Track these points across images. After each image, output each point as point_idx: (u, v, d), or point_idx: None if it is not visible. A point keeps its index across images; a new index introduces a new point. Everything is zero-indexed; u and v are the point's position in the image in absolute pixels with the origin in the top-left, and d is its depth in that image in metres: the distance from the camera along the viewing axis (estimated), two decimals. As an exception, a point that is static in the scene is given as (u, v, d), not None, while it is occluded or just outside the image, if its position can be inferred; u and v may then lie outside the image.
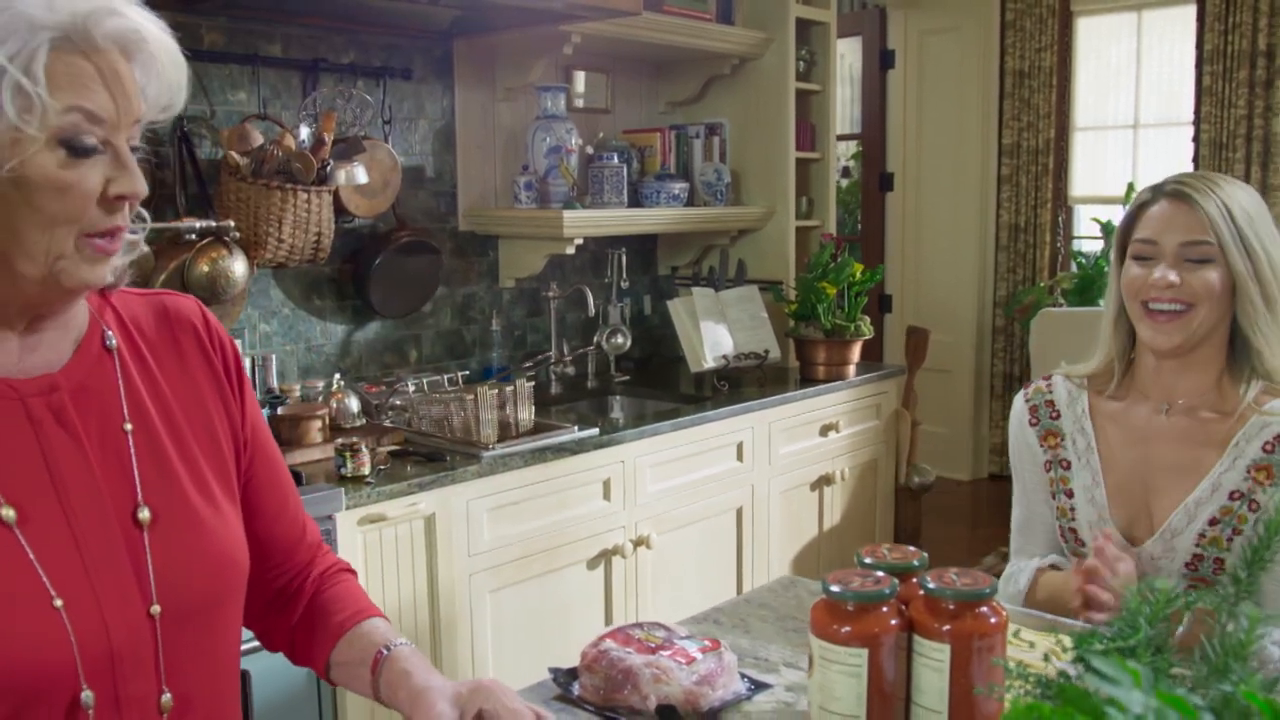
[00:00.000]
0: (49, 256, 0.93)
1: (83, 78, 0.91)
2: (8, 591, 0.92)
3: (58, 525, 0.97)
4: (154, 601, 0.99)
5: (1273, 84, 4.82)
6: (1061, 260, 5.70)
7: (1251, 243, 1.54)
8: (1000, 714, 1.08)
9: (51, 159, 0.90)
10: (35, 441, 0.97)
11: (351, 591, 1.23)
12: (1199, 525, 1.57)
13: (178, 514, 1.04)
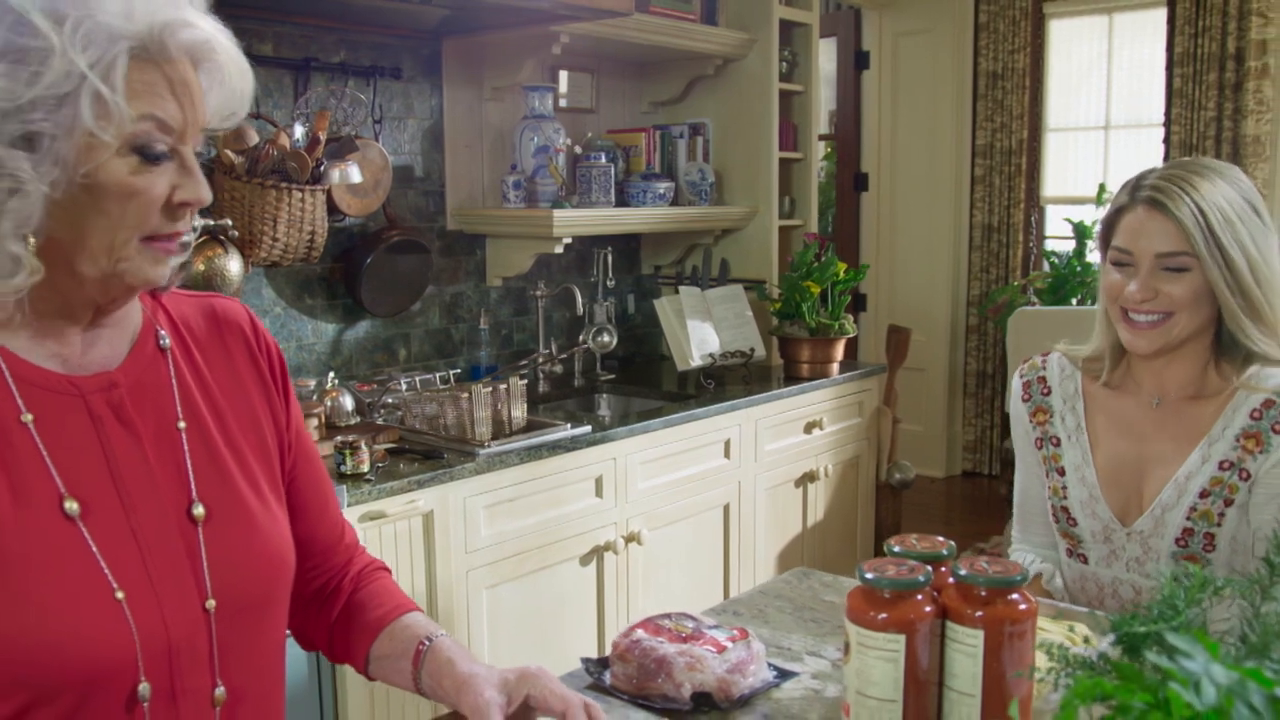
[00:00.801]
0: (111, 258, 0.94)
1: (156, 87, 0.92)
2: (73, 584, 0.94)
3: (118, 520, 0.98)
4: (209, 596, 1.02)
5: (1242, 87, 4.92)
6: (1034, 260, 5.78)
7: (1229, 248, 1.50)
8: (1030, 697, 1.11)
9: (123, 165, 0.92)
10: (96, 437, 0.99)
11: (388, 588, 1.25)
12: (1190, 499, 1.58)
13: (230, 511, 1.06)
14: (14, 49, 0.87)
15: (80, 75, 0.88)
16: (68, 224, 0.92)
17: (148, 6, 0.91)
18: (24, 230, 0.90)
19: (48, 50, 0.87)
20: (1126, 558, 1.64)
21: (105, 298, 0.98)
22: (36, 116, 0.88)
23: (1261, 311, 1.53)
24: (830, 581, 1.63)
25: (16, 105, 0.87)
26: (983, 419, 5.96)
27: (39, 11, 0.87)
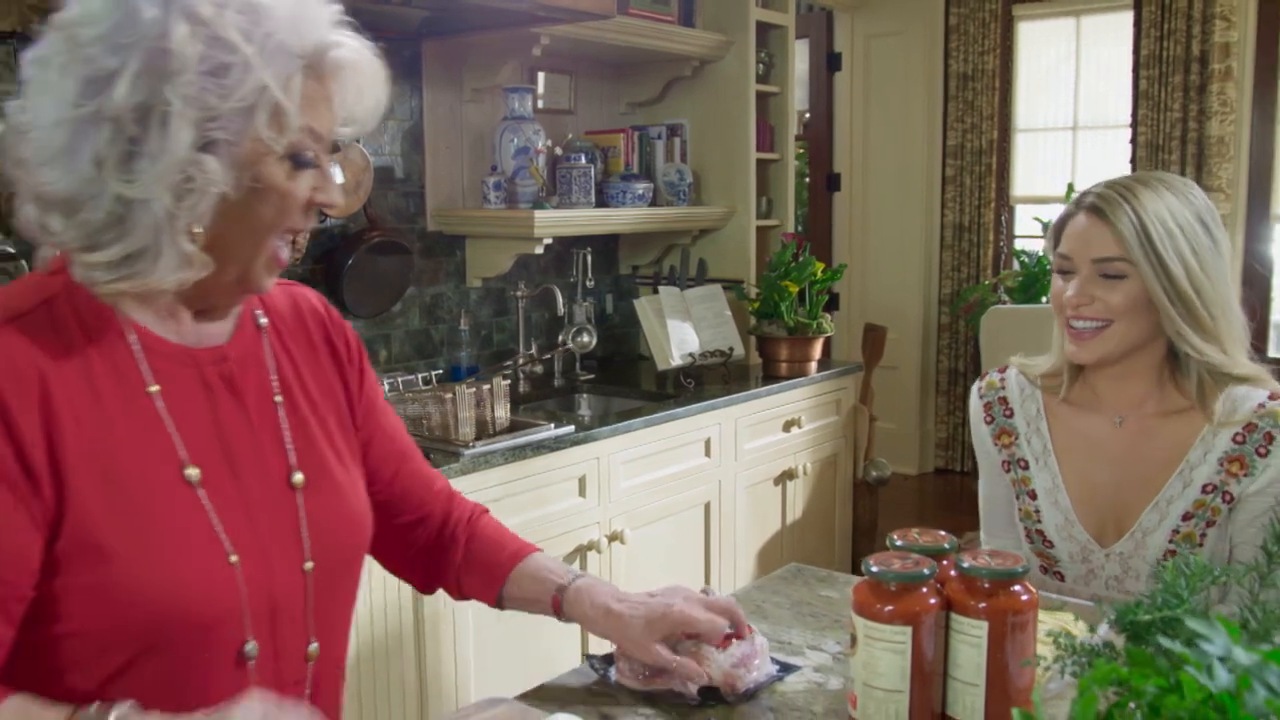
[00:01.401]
0: (256, 251, 1.04)
1: (314, 100, 1.02)
2: (192, 546, 1.02)
3: (229, 486, 1.07)
4: (308, 558, 1.11)
5: (1206, 89, 5.00)
6: (1004, 259, 5.85)
7: (1167, 258, 1.50)
8: (1032, 686, 1.14)
9: (280, 170, 1.01)
10: (209, 407, 1.08)
11: (500, 533, 1.37)
12: (1172, 521, 1.58)
13: (323, 479, 1.15)
14: (211, 63, 0.95)
15: (263, 88, 0.97)
16: (230, 221, 1.01)
17: (311, 27, 1.00)
18: (196, 227, 0.98)
19: (241, 65, 0.96)
20: (1105, 576, 1.64)
21: (239, 288, 1.07)
22: (221, 124, 0.97)
23: (1201, 320, 1.53)
24: (825, 576, 1.66)
25: (207, 115, 0.96)
26: (955, 416, 6.02)
27: (234, 29, 0.96)
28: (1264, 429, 1.55)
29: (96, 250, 0.98)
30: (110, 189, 0.97)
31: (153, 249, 0.98)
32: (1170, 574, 0.97)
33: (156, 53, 0.94)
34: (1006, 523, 1.75)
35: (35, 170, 0.98)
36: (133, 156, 0.96)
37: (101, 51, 0.95)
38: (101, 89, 0.95)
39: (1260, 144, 5.04)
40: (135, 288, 1.00)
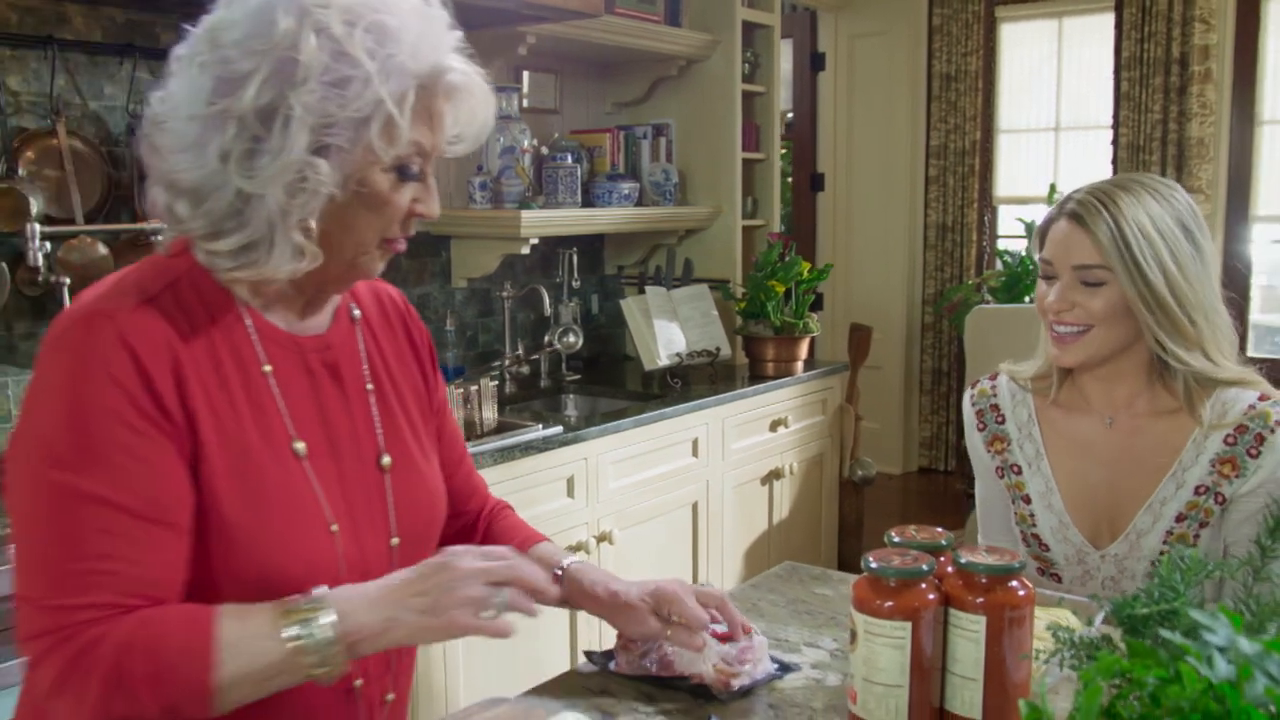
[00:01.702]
0: (355, 253, 1.12)
1: (424, 117, 1.09)
2: (300, 512, 1.11)
3: (328, 463, 1.16)
4: (394, 534, 1.20)
5: (1186, 90, 5.04)
6: (987, 259, 5.88)
7: (1144, 264, 1.51)
8: (1029, 680, 1.15)
9: (385, 180, 1.09)
10: (311, 390, 1.17)
11: (515, 523, 1.45)
12: (1166, 523, 1.59)
13: (407, 462, 1.24)
14: (334, 75, 1.03)
15: (379, 102, 1.04)
16: (335, 221, 1.09)
17: (430, 51, 1.07)
18: (306, 223, 1.06)
19: (361, 79, 1.03)
20: (1101, 578, 1.64)
21: (340, 283, 1.17)
22: (337, 131, 1.04)
23: (1181, 327, 1.53)
24: (819, 575, 1.66)
25: (325, 122, 1.04)
26: (938, 416, 6.04)
27: (360, 46, 1.03)
28: (1255, 430, 1.55)
29: (219, 239, 1.07)
30: (232, 182, 1.05)
31: (267, 240, 1.06)
32: (1166, 568, 0.98)
33: (286, 61, 1.03)
34: (1003, 526, 1.76)
35: (168, 158, 1.06)
36: (254, 154, 1.04)
37: (238, 55, 1.03)
38: (233, 89, 1.03)
39: (1239, 145, 5.09)
40: (252, 276, 1.09)
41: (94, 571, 1.00)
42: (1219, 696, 0.75)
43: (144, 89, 2.60)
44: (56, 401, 1.03)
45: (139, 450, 1.03)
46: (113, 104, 2.57)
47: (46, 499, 1.02)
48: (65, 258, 2.40)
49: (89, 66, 2.53)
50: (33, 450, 1.03)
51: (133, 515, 1.02)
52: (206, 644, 1.00)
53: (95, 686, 0.98)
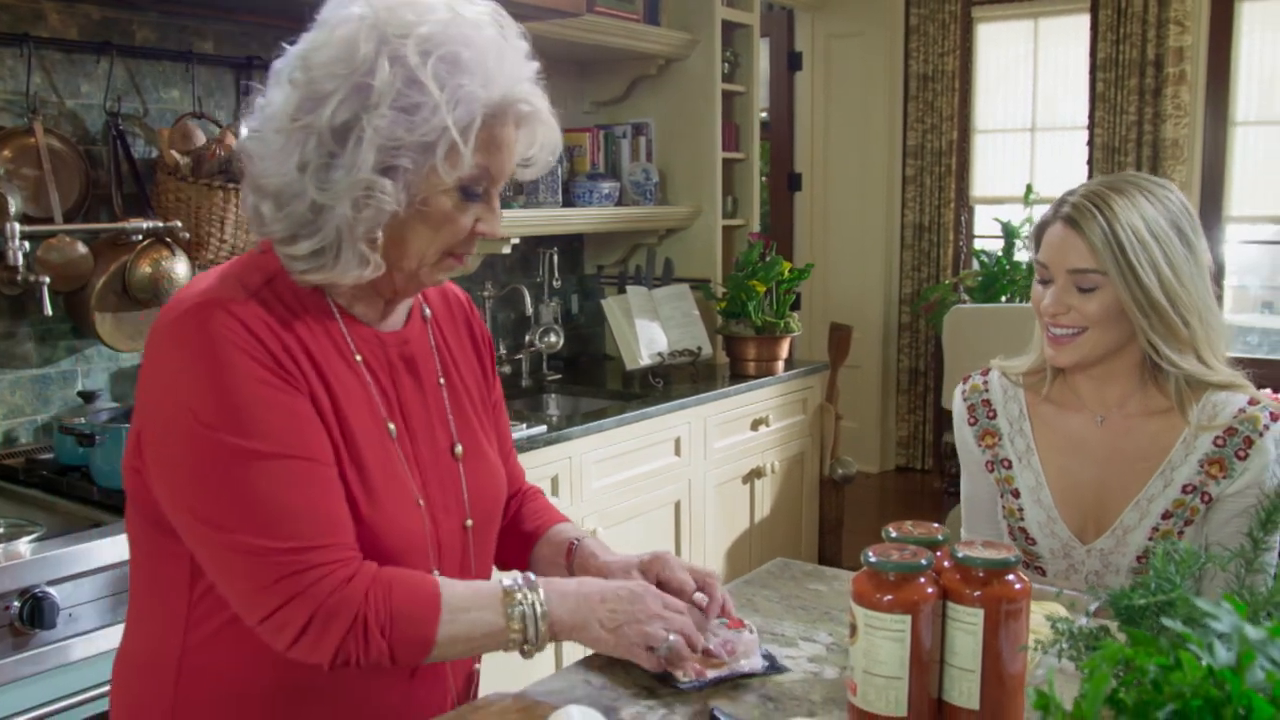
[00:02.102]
0: (419, 265, 1.20)
1: (491, 144, 1.16)
2: (395, 485, 1.22)
3: (409, 448, 1.26)
4: (468, 517, 1.31)
5: (1161, 92, 5.09)
6: (964, 258, 5.92)
7: (1139, 267, 1.52)
8: (1025, 671, 1.15)
9: (449, 199, 1.17)
10: (392, 382, 1.26)
11: (542, 506, 1.54)
12: (1152, 520, 1.61)
13: (476, 451, 1.35)
14: (404, 101, 1.11)
15: (445, 129, 1.11)
16: (397, 236, 1.17)
17: (502, 82, 1.14)
18: (371, 235, 1.15)
19: (430, 107, 1.11)
20: (1086, 571, 1.66)
21: (405, 290, 1.25)
22: (403, 153, 1.12)
23: (1175, 330, 1.55)
24: (811, 571, 1.66)
25: (393, 144, 1.11)
26: (915, 415, 6.07)
27: (432, 76, 1.10)
28: (1243, 433, 1.57)
29: (294, 244, 1.16)
30: (309, 192, 1.13)
31: (335, 247, 1.15)
32: (1160, 560, 0.99)
33: (363, 85, 1.11)
34: (989, 521, 1.77)
35: (257, 163, 1.16)
36: (329, 168, 1.13)
37: (323, 75, 1.12)
38: (315, 107, 1.12)
39: (1212, 146, 5.14)
40: (321, 279, 1.19)
41: (297, 518, 1.11)
42: (1219, 682, 0.75)
43: (120, 87, 2.57)
44: (197, 377, 1.11)
45: (286, 405, 1.14)
46: (89, 102, 2.54)
47: (224, 464, 1.11)
48: (44, 257, 2.37)
49: (65, 64, 2.50)
50: (189, 424, 1.11)
51: (305, 460, 1.13)
52: (435, 603, 1.15)
53: (339, 627, 1.10)
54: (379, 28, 1.12)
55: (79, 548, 1.90)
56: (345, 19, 1.14)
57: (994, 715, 1.14)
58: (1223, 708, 0.72)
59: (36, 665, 1.85)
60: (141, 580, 1.27)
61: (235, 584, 1.13)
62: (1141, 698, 0.76)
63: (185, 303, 1.16)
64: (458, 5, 1.16)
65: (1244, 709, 0.69)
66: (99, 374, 2.62)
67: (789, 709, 1.21)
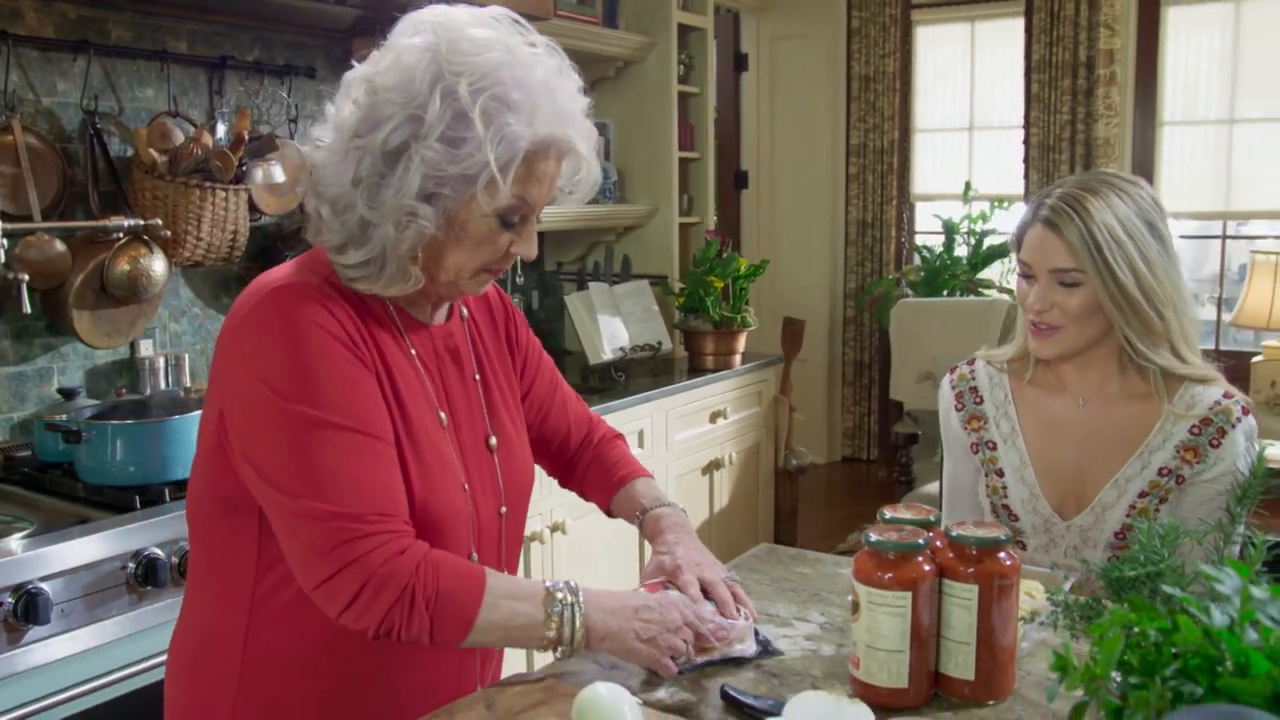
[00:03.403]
0: (456, 278, 1.29)
1: (531, 178, 1.23)
2: (445, 469, 1.30)
3: (454, 437, 1.34)
4: (502, 504, 1.40)
5: (1093, 93, 5.28)
6: (906, 254, 6.08)
7: (1115, 265, 1.62)
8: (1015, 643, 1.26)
9: (485, 224, 1.24)
10: (439, 373, 1.36)
11: (623, 455, 1.65)
12: (1129, 498, 1.71)
13: (509, 442, 1.43)
14: (451, 135, 1.18)
15: (486, 164, 1.18)
16: (436, 254, 1.26)
17: (549, 119, 1.21)
18: (413, 252, 1.24)
19: (475, 143, 1.17)
20: (1065, 546, 1.77)
21: (446, 297, 1.35)
22: (445, 183, 1.20)
23: (1149, 324, 1.66)
24: (796, 555, 1.76)
25: (437, 174, 1.19)
26: (860, 406, 6.22)
27: (479, 113, 1.17)
28: (1218, 424, 1.70)
29: (345, 253, 1.25)
30: (358, 206, 1.21)
31: (380, 260, 1.24)
32: (1146, 535, 1.10)
33: (416, 116, 1.18)
34: (970, 501, 1.88)
35: (319, 170, 1.25)
36: (379, 188, 1.21)
37: (383, 101, 1.20)
38: (372, 129, 1.20)
39: (1142, 145, 5.35)
40: (368, 288, 1.26)
41: (358, 489, 1.18)
42: (1215, 642, 0.85)
43: (96, 85, 2.58)
44: (279, 352, 1.19)
45: (357, 383, 1.22)
46: (66, 100, 2.55)
47: (296, 432, 1.18)
48: (23, 255, 2.37)
49: (42, 62, 2.50)
50: (266, 395, 1.19)
51: (370, 437, 1.21)
52: (480, 586, 1.22)
53: (388, 597, 1.17)
54: (438, 62, 1.18)
55: (70, 544, 1.93)
56: (410, 48, 1.21)
57: (987, 685, 1.24)
58: (1219, 665, 0.82)
59: (30, 661, 1.87)
60: (205, 558, 1.34)
61: (296, 548, 1.20)
62: (1146, 659, 0.85)
63: (268, 287, 1.24)
64: (516, 44, 1.23)
65: (1241, 664, 0.78)
66: (75, 371, 2.63)
67: (793, 685, 1.30)
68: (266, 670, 1.29)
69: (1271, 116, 5.14)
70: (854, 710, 1.14)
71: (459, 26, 1.22)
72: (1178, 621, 0.88)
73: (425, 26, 1.23)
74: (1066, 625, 1.09)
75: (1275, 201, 5.18)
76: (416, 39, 1.22)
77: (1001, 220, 5.70)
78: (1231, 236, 5.43)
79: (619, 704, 1.10)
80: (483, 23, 1.24)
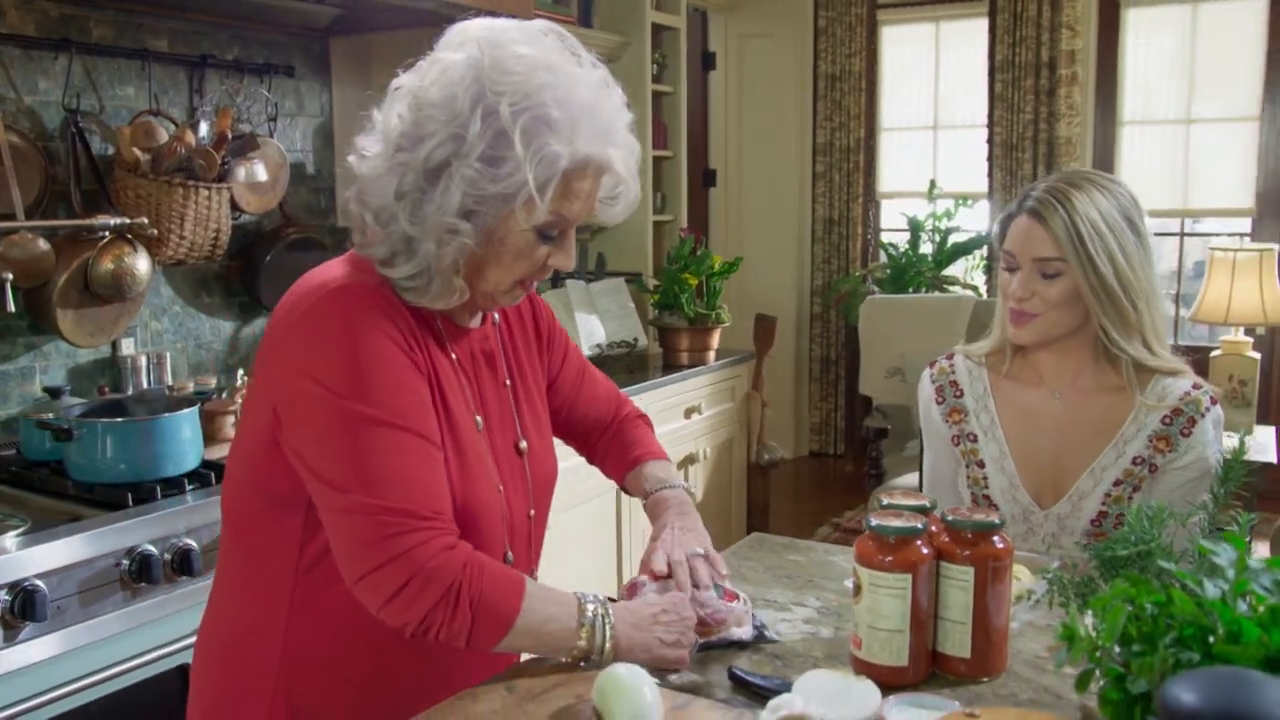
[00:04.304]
0: (495, 289, 1.32)
1: (570, 195, 1.25)
2: (481, 469, 1.33)
3: (487, 440, 1.37)
4: (531, 507, 1.44)
5: (1055, 93, 5.38)
6: (871, 252, 6.16)
7: (1095, 256, 1.70)
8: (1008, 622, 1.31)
9: (523, 239, 1.26)
10: (476, 377, 1.39)
11: (642, 436, 1.70)
12: (1105, 487, 1.79)
13: (537, 447, 1.47)
14: (492, 155, 1.20)
15: (525, 184, 1.20)
16: (476, 266, 1.28)
17: (589, 139, 1.23)
18: (455, 266, 1.26)
19: (515, 163, 1.20)
20: (1043, 534, 1.84)
21: (483, 306, 1.38)
22: (484, 202, 1.22)
23: (1125, 314, 1.73)
24: (787, 544, 1.81)
25: (477, 193, 1.21)
26: (827, 402, 6.30)
27: (519, 134, 1.19)
28: (1188, 414, 1.77)
29: (394, 265, 1.26)
30: (401, 219, 1.23)
31: (426, 275, 1.26)
32: (1135, 516, 1.15)
33: (456, 135, 1.20)
34: (950, 491, 1.94)
35: (362, 180, 1.28)
36: (421, 203, 1.23)
37: (426, 118, 1.22)
38: (415, 145, 1.22)
39: (1102, 144, 5.47)
40: (416, 300, 1.29)
41: (407, 485, 1.21)
42: (1208, 611, 0.91)
43: (77, 84, 2.58)
44: (336, 349, 1.22)
45: (409, 384, 1.25)
46: (48, 99, 2.55)
47: (349, 428, 1.20)
48: (6, 253, 2.37)
49: (23, 60, 2.50)
50: (319, 391, 1.21)
51: (419, 437, 1.24)
52: (520, 593, 1.24)
53: (434, 592, 1.19)
54: (480, 80, 1.20)
55: (65, 541, 1.94)
56: (454, 64, 1.22)
57: (982, 662, 1.30)
58: (1212, 634, 0.88)
59: (27, 658, 1.89)
60: (242, 554, 1.36)
61: (344, 539, 1.22)
62: (1143, 629, 0.91)
63: (328, 286, 1.26)
64: (559, 62, 1.24)
65: (1234, 632, 0.84)
66: (56, 370, 2.63)
67: (797, 666, 1.35)
68: (305, 667, 1.32)
69: (1226, 116, 5.27)
70: (861, 686, 1.19)
71: (503, 43, 1.22)
72: (1172, 595, 0.93)
73: (470, 41, 1.23)
74: (1061, 602, 1.14)
75: (1230, 199, 5.31)
76: (460, 54, 1.23)
77: (966, 218, 5.80)
78: (1189, 234, 5.57)
79: (639, 684, 1.14)
80: (528, 38, 1.24)
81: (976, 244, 5.67)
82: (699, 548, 1.48)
